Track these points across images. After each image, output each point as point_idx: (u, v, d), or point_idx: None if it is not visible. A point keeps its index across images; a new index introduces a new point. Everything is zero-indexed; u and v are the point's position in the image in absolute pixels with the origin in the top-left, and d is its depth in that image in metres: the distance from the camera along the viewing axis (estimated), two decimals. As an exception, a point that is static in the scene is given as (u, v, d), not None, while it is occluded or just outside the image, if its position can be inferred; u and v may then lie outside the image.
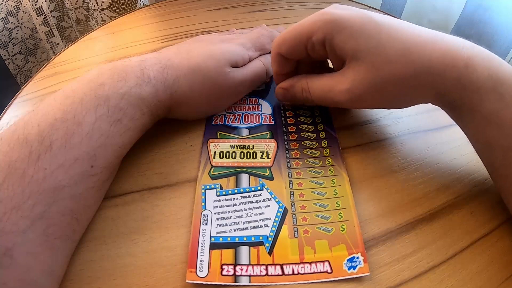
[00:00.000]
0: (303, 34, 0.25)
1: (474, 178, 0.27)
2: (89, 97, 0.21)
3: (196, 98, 0.27)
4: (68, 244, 0.20)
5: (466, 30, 0.55)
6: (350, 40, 0.23)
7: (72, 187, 0.19)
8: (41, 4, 0.61)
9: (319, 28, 0.24)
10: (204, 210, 0.23)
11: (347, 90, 0.24)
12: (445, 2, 0.56)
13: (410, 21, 0.25)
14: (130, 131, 0.23)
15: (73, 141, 0.20)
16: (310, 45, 0.25)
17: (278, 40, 0.27)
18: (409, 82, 0.23)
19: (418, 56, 0.22)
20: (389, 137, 0.29)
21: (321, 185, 0.25)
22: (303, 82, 0.28)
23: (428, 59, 0.22)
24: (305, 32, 0.25)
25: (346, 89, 0.24)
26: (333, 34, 0.24)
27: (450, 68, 0.22)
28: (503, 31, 0.51)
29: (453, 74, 0.22)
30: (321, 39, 0.24)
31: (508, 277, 0.21)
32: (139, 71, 0.24)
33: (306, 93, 0.27)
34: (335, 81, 0.25)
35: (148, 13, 0.50)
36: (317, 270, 0.21)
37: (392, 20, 0.24)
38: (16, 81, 0.68)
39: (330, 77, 0.26)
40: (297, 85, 0.28)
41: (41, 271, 0.18)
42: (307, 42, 0.25)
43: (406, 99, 0.25)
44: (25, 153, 0.18)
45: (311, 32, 0.25)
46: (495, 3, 0.52)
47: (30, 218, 0.17)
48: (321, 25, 0.24)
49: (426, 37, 0.23)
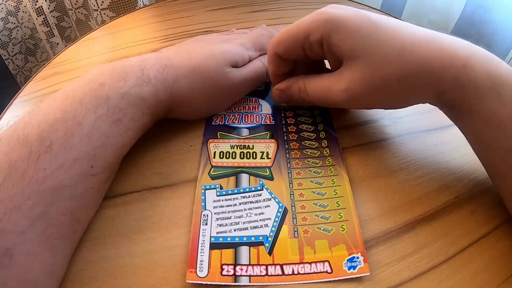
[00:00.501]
0: (300, 33, 0.25)
1: (474, 178, 0.27)
2: (89, 97, 0.21)
3: (196, 98, 0.27)
4: (68, 244, 0.20)
5: (466, 30, 0.55)
6: (347, 39, 0.23)
7: (72, 187, 0.19)
8: (41, 4, 0.61)
9: (316, 28, 0.24)
10: (204, 210, 0.23)
11: (344, 90, 0.24)
12: (445, 2, 0.56)
13: (410, 22, 0.25)
14: (130, 131, 0.23)
15: (73, 141, 0.20)
16: (308, 45, 0.25)
17: (275, 40, 0.27)
18: (407, 81, 0.23)
19: (416, 55, 0.22)
20: (389, 137, 0.29)
21: (321, 185, 0.25)
22: (300, 83, 0.27)
23: (426, 59, 0.22)
24: (302, 32, 0.25)
25: (343, 89, 0.24)
26: (330, 33, 0.24)
27: (448, 67, 0.22)
28: (503, 31, 0.51)
29: (451, 73, 0.22)
30: (319, 39, 0.24)
31: (508, 277, 0.21)
32: (139, 71, 0.24)
33: (304, 94, 0.27)
34: (333, 81, 0.25)
35: (148, 13, 0.50)
36: (317, 270, 0.21)
37: (390, 20, 0.24)
38: (16, 81, 0.68)
39: (327, 77, 0.26)
40: (294, 86, 0.28)
41: (41, 271, 0.18)
42: (305, 42, 0.25)
43: (404, 99, 0.25)
44: (25, 153, 0.18)
45: (308, 32, 0.24)
46: (495, 3, 0.52)
47: (30, 218, 0.17)
48: (319, 24, 0.24)
49: (423, 37, 0.23)
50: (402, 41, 0.23)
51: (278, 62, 0.28)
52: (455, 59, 0.22)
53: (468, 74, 0.21)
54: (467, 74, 0.21)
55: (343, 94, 0.24)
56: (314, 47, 0.25)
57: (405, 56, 0.22)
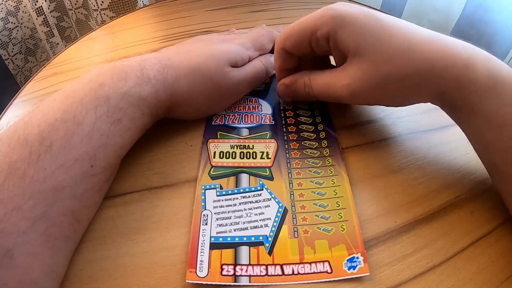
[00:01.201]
0: (308, 29, 0.26)
1: (474, 178, 0.27)
2: (89, 97, 0.21)
3: (196, 98, 0.27)
4: (69, 244, 0.20)
5: (466, 30, 0.55)
6: (353, 35, 0.24)
7: (73, 187, 0.19)
8: (41, 4, 0.61)
9: (323, 23, 0.25)
10: (204, 210, 0.23)
11: (348, 85, 0.25)
12: (445, 2, 0.56)
13: (410, 21, 0.25)
14: (130, 131, 0.23)
15: (73, 141, 0.20)
16: (315, 40, 0.26)
17: (283, 35, 0.27)
18: (409, 80, 0.23)
19: (419, 54, 0.22)
20: (389, 137, 0.29)
21: (321, 185, 0.25)
22: (305, 78, 0.28)
23: (428, 58, 0.22)
24: (309, 27, 0.26)
25: (347, 84, 0.25)
26: (336, 29, 0.24)
27: (450, 67, 0.22)
28: (503, 31, 0.51)
29: (453, 73, 0.22)
30: (325, 34, 0.25)
31: (508, 277, 0.21)
32: (139, 71, 0.24)
33: (308, 89, 0.28)
34: (337, 76, 0.26)
35: (148, 13, 0.50)
36: (317, 270, 0.21)
37: (394, 19, 0.24)
38: (16, 81, 0.68)
39: (332, 73, 0.26)
40: (299, 81, 0.28)
41: (42, 272, 0.18)
42: (312, 37, 0.26)
43: (406, 97, 0.25)
44: (25, 153, 0.18)
45: (316, 27, 0.25)
46: (495, 3, 0.52)
47: (30, 219, 0.17)
48: (326, 20, 0.25)
49: (426, 37, 0.23)
50: (405, 41, 0.23)
51: (285, 57, 0.28)
52: (457, 59, 0.22)
53: (469, 74, 0.22)
54: (468, 74, 0.22)
55: (346, 89, 0.25)
56: (321, 42, 0.26)
57: (408, 55, 0.23)
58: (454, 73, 0.22)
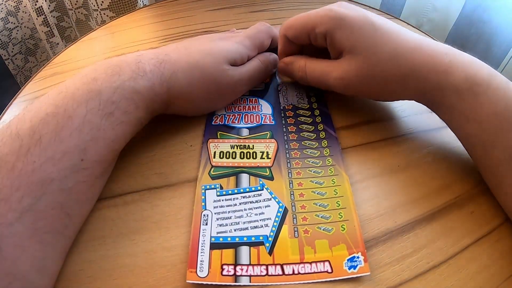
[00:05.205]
0: (309, 24, 0.28)
1: (474, 178, 0.27)
2: (81, 91, 0.21)
3: (195, 94, 0.27)
4: (60, 239, 0.20)
5: (465, 30, 0.55)
6: (349, 36, 0.27)
7: (62, 180, 0.19)
8: (41, 4, 0.61)
9: (323, 22, 0.27)
10: (204, 210, 0.23)
11: (340, 77, 0.28)
12: (444, 2, 0.56)
13: (409, 21, 0.25)
14: (123, 125, 0.23)
15: (63, 134, 0.20)
16: (313, 35, 0.29)
17: (287, 24, 0.30)
18: (395, 81, 0.26)
19: (405, 60, 0.25)
20: (389, 137, 0.29)
21: (321, 185, 0.25)
22: (301, 61, 0.31)
23: (413, 64, 0.25)
24: (310, 23, 0.28)
25: (339, 76, 0.28)
26: (335, 29, 0.27)
27: (432, 72, 0.25)
28: (502, 31, 0.51)
29: (434, 78, 0.25)
30: (323, 32, 0.28)
31: (508, 277, 0.21)
32: (134, 65, 0.24)
33: (302, 73, 0.31)
34: (331, 67, 0.29)
35: (148, 13, 0.50)
36: (317, 270, 0.21)
37: (389, 25, 0.27)
38: (16, 81, 0.68)
39: (327, 63, 0.29)
40: (296, 63, 0.31)
41: (31, 266, 0.18)
42: (311, 32, 0.29)
43: (391, 95, 0.28)
44: (15, 147, 0.19)
45: (316, 24, 0.28)
46: (494, 3, 0.52)
47: (18, 211, 0.17)
48: (326, 20, 0.27)
49: (413, 43, 0.26)
50: (395, 46, 0.26)
51: (287, 43, 0.31)
52: (439, 65, 0.25)
53: (448, 77, 0.24)
54: (448, 78, 0.24)
55: (338, 80, 0.28)
56: (319, 38, 0.28)
57: (396, 60, 0.26)
58: (435, 78, 0.25)
